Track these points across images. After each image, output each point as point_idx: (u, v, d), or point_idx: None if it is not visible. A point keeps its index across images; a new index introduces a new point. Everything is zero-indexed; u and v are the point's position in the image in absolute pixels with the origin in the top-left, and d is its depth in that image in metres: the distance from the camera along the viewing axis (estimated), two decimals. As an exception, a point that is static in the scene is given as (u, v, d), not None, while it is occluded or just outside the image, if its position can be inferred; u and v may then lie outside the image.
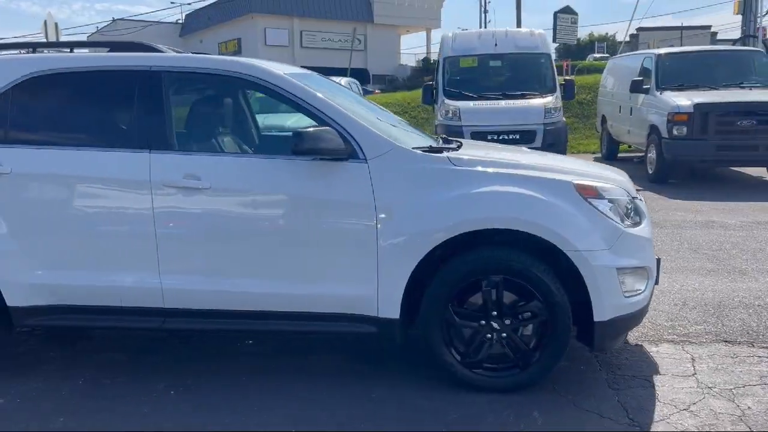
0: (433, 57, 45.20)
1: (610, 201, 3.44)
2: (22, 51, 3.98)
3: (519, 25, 34.88)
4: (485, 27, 63.34)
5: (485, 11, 60.16)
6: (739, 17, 19.10)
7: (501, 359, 3.45)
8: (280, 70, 3.71)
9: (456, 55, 11.32)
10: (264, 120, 5.85)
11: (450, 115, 10.40)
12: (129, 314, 3.62)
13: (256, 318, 3.56)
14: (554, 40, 31.82)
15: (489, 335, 3.40)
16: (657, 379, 3.60)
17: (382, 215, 3.37)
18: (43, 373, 3.84)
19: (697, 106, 9.58)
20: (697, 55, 11.30)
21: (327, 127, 3.40)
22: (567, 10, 36.38)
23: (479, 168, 3.46)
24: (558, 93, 10.85)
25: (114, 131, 3.67)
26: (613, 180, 3.67)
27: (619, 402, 3.35)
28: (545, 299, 3.32)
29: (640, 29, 54.94)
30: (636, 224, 3.52)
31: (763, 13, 20.32)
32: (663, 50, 11.47)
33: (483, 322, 3.40)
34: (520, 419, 3.20)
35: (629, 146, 13.46)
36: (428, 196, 3.38)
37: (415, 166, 3.46)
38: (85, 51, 4.26)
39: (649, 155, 10.51)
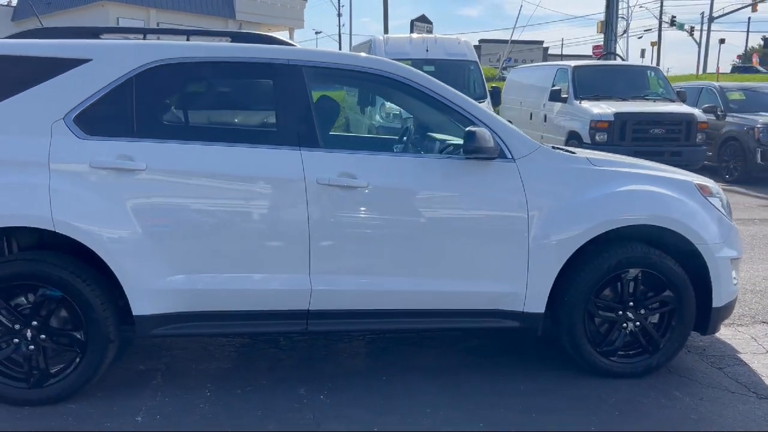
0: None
1: (719, 198, 3.85)
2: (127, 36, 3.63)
3: (386, 29, 35.83)
4: (340, 30, 64.04)
5: (339, 14, 61.10)
6: (565, 35, 21.22)
7: (631, 346, 3.73)
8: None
9: (390, 59, 11.47)
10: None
11: (392, 117, 10.57)
12: (271, 318, 3.45)
13: (403, 316, 3.55)
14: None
15: (625, 324, 3.67)
16: (743, 357, 4.07)
17: (533, 213, 3.51)
18: (156, 388, 3.54)
19: (616, 114, 10.58)
20: (606, 68, 12.47)
21: (484, 128, 3.48)
22: (423, 18, 38.02)
23: (614, 168, 3.72)
24: (489, 99, 11.43)
25: (256, 127, 3.49)
26: (708, 180, 4.09)
27: (731, 379, 3.76)
28: (676, 289, 3.65)
29: (482, 41, 58.53)
30: (731, 219, 3.96)
31: (621, 34, 22.70)
32: (575, 63, 12.47)
33: (620, 312, 3.66)
34: (669, 400, 3.49)
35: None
36: (575, 195, 3.57)
37: (560, 166, 3.64)
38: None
39: (568, 159, 11.38)
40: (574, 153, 3.92)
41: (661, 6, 45.86)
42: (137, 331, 3.35)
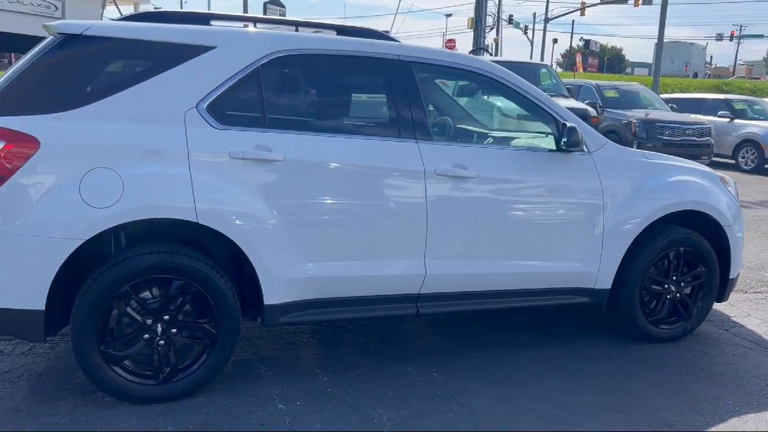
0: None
1: (732, 187, 4.56)
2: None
3: (246, 10, 34.96)
4: (182, 7, 61.24)
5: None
6: (407, 27, 22.43)
7: (671, 314, 4.33)
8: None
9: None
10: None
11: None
12: (386, 302, 3.60)
13: (501, 296, 3.86)
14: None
15: (669, 296, 4.27)
16: (736, 320, 4.85)
17: (608, 200, 3.97)
18: (268, 377, 3.56)
19: (524, 108, 11.45)
20: (507, 65, 13.32)
21: (573, 124, 3.88)
22: (276, 2, 37.60)
23: (662, 161, 4.28)
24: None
25: (375, 119, 3.60)
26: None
27: (742, 338, 4.49)
28: (707, 264, 4.30)
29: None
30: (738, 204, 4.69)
31: (489, 30, 24.09)
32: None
33: (666, 285, 4.25)
34: (711, 357, 4.12)
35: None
36: (639, 184, 4.08)
37: (623, 158, 4.13)
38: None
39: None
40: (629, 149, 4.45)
41: (500, 4, 49.05)
42: (265, 320, 3.36)
